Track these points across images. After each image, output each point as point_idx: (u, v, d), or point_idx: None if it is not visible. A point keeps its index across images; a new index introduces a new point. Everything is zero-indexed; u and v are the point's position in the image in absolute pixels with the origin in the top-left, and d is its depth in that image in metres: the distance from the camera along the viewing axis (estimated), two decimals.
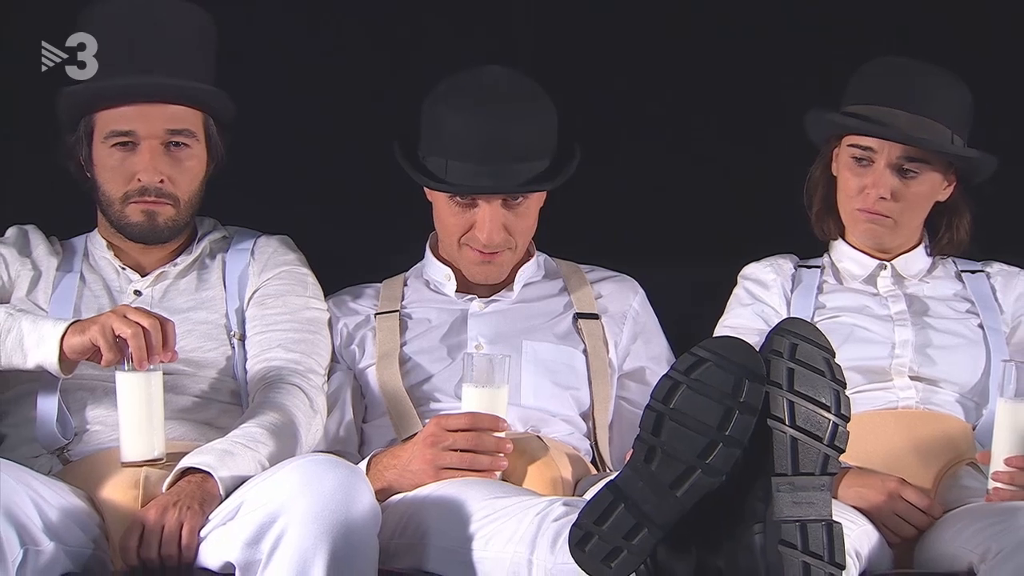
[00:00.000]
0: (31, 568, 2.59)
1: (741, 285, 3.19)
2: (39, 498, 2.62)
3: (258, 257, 3.08)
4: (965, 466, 2.96)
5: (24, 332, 2.76)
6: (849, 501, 2.82)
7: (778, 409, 2.28)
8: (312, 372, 2.99)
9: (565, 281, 3.19)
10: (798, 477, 2.27)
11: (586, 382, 3.08)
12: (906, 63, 3.08)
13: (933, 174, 3.06)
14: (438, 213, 3.09)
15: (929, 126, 3.03)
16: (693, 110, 3.59)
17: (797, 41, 3.56)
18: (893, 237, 3.11)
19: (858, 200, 3.07)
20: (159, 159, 2.94)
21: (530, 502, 2.64)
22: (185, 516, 2.65)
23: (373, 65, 3.57)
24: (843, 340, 3.01)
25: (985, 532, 2.67)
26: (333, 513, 2.55)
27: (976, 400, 3.04)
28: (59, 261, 3.03)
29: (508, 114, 2.99)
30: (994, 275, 3.18)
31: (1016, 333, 3.11)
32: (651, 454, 2.28)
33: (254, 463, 2.74)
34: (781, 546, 2.24)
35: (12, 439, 2.92)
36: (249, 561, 2.58)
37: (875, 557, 2.77)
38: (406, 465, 2.85)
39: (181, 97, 2.96)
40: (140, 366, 2.73)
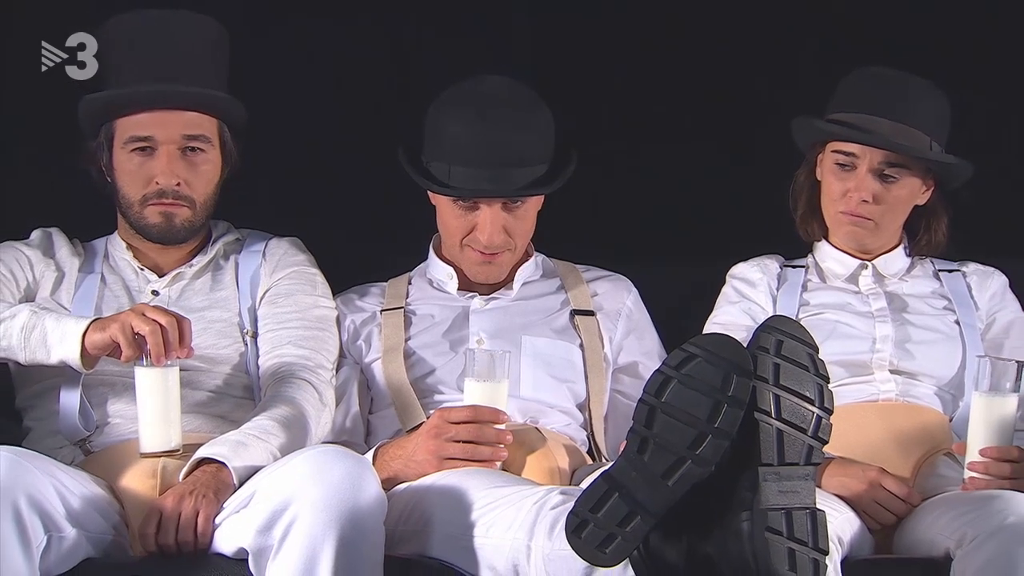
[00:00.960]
0: (54, 553, 2.60)
1: (729, 284, 3.20)
2: (62, 487, 2.62)
3: (269, 258, 3.08)
4: (942, 456, 2.96)
5: (48, 329, 2.76)
6: (832, 490, 2.83)
7: (765, 402, 2.27)
8: (321, 367, 2.99)
9: (562, 280, 3.20)
10: (784, 467, 2.27)
11: (582, 376, 3.09)
12: (888, 73, 3.09)
13: (912, 179, 3.07)
14: (441, 216, 3.10)
15: (909, 133, 3.04)
16: (685, 119, 3.59)
17: (786, 51, 3.57)
18: (874, 238, 3.12)
19: (841, 203, 3.09)
20: (176, 163, 2.95)
21: (529, 491, 2.66)
22: (201, 504, 2.66)
23: (380, 77, 3.57)
24: (826, 336, 3.01)
25: (961, 519, 2.69)
26: (341, 501, 2.55)
27: (953, 393, 3.05)
28: (81, 262, 3.03)
29: (508, 122, 3.00)
30: (970, 274, 3.19)
31: (990, 329, 3.12)
32: (644, 445, 2.28)
33: (266, 454, 2.75)
34: (768, 533, 2.24)
35: (37, 431, 2.93)
36: (261, 547, 2.58)
37: (857, 543, 2.79)
38: (411, 455, 2.86)
39: (197, 104, 2.96)
40: (158, 362, 2.73)
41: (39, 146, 3.31)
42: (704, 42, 3.60)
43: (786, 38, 3.57)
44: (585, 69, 3.59)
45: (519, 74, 3.14)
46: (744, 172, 3.31)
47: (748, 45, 3.59)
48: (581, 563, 2.38)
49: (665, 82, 3.60)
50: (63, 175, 3.36)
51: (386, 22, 3.59)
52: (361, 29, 3.59)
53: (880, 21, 3.57)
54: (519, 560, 2.59)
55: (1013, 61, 3.56)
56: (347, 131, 3.54)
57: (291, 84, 3.52)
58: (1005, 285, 3.18)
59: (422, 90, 3.13)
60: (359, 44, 3.58)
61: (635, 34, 3.61)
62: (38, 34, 3.15)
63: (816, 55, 3.52)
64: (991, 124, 3.47)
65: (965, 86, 3.20)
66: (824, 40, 3.56)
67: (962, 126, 3.11)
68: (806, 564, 2.25)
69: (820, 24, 3.58)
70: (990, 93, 3.53)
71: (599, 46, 3.62)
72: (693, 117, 3.59)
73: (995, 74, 3.56)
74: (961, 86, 3.13)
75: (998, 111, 3.53)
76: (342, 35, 3.57)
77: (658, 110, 3.60)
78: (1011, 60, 3.56)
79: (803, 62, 3.47)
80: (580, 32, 3.61)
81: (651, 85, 3.61)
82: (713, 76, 3.60)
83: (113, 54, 2.99)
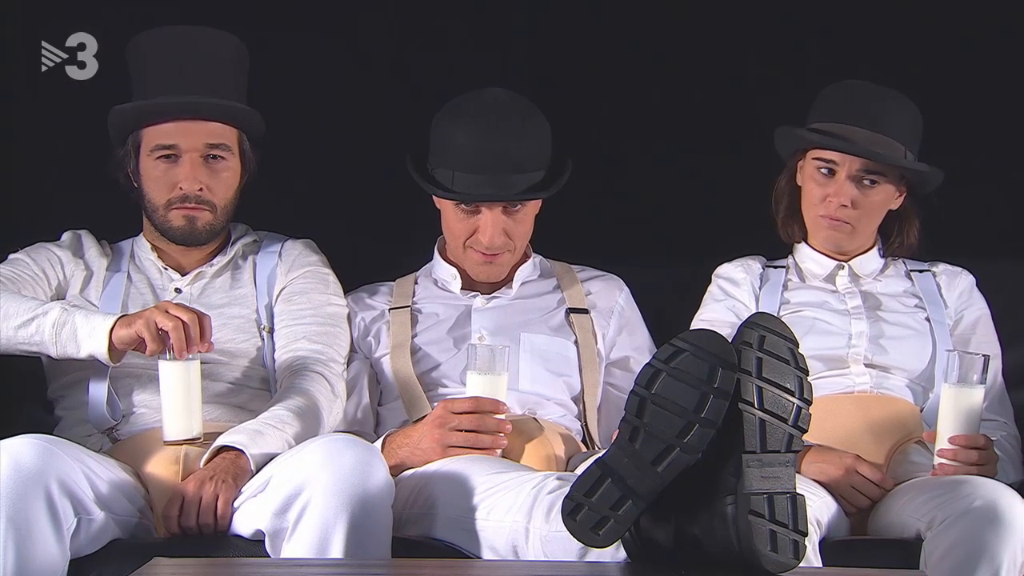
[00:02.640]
0: (84, 534, 2.61)
1: (715, 283, 3.20)
2: (91, 473, 2.63)
3: (285, 259, 3.08)
4: (914, 444, 2.96)
5: (78, 325, 2.76)
6: (811, 475, 2.83)
7: (748, 394, 2.26)
8: (333, 361, 2.99)
9: (558, 280, 3.19)
10: (766, 454, 2.26)
11: (577, 370, 3.08)
12: (864, 86, 3.09)
13: (888, 185, 3.08)
14: (445, 219, 3.11)
15: (885, 142, 3.04)
16: (674, 129, 3.58)
17: (770, 61, 3.57)
18: (851, 241, 3.13)
19: (821, 207, 3.09)
20: (199, 170, 2.95)
21: (527, 476, 2.66)
22: (220, 489, 2.67)
23: (387, 89, 3.57)
24: (805, 332, 3.02)
25: (931, 503, 2.69)
26: (352, 486, 2.57)
27: (923, 385, 3.04)
28: (108, 262, 3.03)
29: (508, 130, 3.00)
30: (939, 274, 3.18)
31: (959, 325, 3.12)
32: (635, 434, 2.26)
33: (282, 442, 2.76)
34: (751, 515, 2.23)
35: (67, 420, 2.93)
36: (277, 529, 2.60)
37: (834, 525, 2.79)
38: (417, 444, 2.87)
39: (219, 115, 2.96)
40: (180, 355, 2.73)
41: (38, 146, 3.28)
42: (691, 51, 3.59)
43: (770, 49, 3.57)
44: (577, 80, 3.59)
45: (516, 85, 3.15)
46: (728, 178, 3.31)
47: (734, 56, 3.59)
48: (576, 544, 2.36)
49: (653, 90, 3.59)
50: (63, 175, 3.36)
51: (395, 40, 3.59)
52: (371, 46, 3.58)
53: (856, 32, 3.57)
54: (518, 541, 2.60)
55: (984, 66, 3.57)
56: (358, 141, 3.54)
57: (307, 97, 3.51)
58: (972, 284, 3.18)
59: (427, 101, 3.13)
60: (370, 59, 3.57)
61: (623, 44, 3.60)
62: (38, 34, 3.10)
63: (797, 66, 3.51)
64: (961, 130, 3.46)
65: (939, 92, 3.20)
66: (805, 53, 3.56)
67: (935, 138, 3.12)
68: (787, 545, 2.24)
69: (801, 35, 3.58)
70: (964, 100, 3.53)
71: (594, 59, 3.62)
72: (681, 127, 3.58)
73: (968, 81, 3.56)
74: (935, 92, 3.12)
75: (970, 117, 3.53)
76: (353, 50, 3.57)
77: (650, 123, 3.59)
78: (982, 66, 3.57)
79: (785, 73, 3.47)
80: (572, 45, 3.61)
81: (639, 94, 3.60)
82: (699, 84, 3.59)
83: (140, 67, 2.99)
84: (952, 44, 3.56)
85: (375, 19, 3.58)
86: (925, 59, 3.55)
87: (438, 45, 3.58)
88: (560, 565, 2.49)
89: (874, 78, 3.12)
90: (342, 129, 3.52)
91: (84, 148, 3.22)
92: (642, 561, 2.33)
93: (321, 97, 3.52)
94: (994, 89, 3.56)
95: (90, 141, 3.09)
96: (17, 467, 2.54)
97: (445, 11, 3.59)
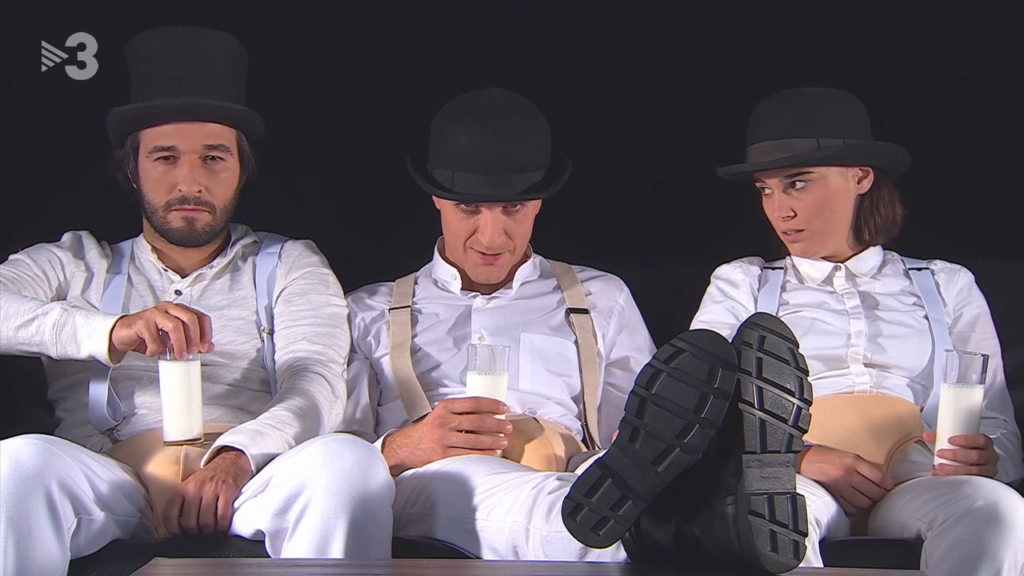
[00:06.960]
0: (84, 535, 2.61)
1: (714, 284, 3.19)
2: (91, 473, 2.63)
3: (285, 260, 3.07)
4: (914, 444, 2.95)
5: (78, 326, 2.76)
6: (811, 475, 2.83)
7: (748, 394, 2.27)
8: (333, 362, 2.99)
9: (558, 280, 3.19)
10: (766, 454, 2.26)
11: (577, 370, 3.08)
12: (772, 98, 3.08)
13: (823, 180, 3.05)
14: (445, 219, 3.10)
15: (786, 145, 3.02)
16: (674, 129, 3.59)
17: (771, 60, 3.57)
18: (820, 243, 3.10)
19: (777, 225, 3.10)
20: (197, 171, 2.94)
21: (527, 477, 2.66)
22: (220, 489, 2.67)
23: (387, 89, 3.57)
24: (804, 332, 3.01)
25: (932, 503, 2.68)
26: (352, 487, 2.56)
27: (923, 384, 3.03)
28: (109, 263, 3.02)
29: (507, 131, 3.00)
30: (937, 272, 3.17)
31: (957, 323, 3.11)
32: (635, 434, 2.27)
33: (282, 442, 2.75)
34: (751, 516, 2.23)
35: (68, 421, 2.93)
36: (277, 529, 2.59)
37: (834, 525, 2.78)
38: (417, 444, 2.86)
39: (218, 117, 2.96)
40: (180, 356, 2.73)
41: (39, 146, 3.27)
42: (691, 51, 3.60)
43: (771, 53, 3.57)
44: (577, 80, 3.59)
45: (516, 85, 3.14)
46: (728, 180, 3.29)
47: (735, 56, 3.59)
48: (576, 544, 2.37)
49: (653, 90, 3.60)
50: (63, 175, 3.36)
51: (396, 40, 3.59)
52: (371, 46, 3.58)
53: (856, 32, 3.57)
54: (518, 541, 2.59)
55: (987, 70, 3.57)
56: (358, 142, 3.54)
57: (307, 97, 3.51)
58: (971, 281, 3.17)
59: (428, 102, 3.12)
60: (370, 59, 3.57)
61: (623, 44, 3.60)
62: (38, 34, 3.09)
63: (797, 67, 3.51)
64: (961, 130, 3.46)
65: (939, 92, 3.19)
66: (805, 54, 3.56)
67: (934, 131, 3.10)
68: (787, 545, 2.24)
69: (802, 36, 3.58)
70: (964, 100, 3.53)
71: (595, 62, 3.61)
72: (682, 127, 3.58)
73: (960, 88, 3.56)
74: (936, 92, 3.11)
75: (970, 117, 3.53)
76: (353, 50, 3.57)
77: (648, 121, 3.59)
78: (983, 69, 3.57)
79: (785, 73, 3.46)
80: (572, 45, 3.61)
81: (639, 94, 3.60)
82: (700, 84, 3.59)
83: (139, 68, 2.99)
84: (952, 44, 3.56)
85: (375, 19, 3.58)
86: (925, 59, 3.54)
87: (438, 45, 3.58)
88: (560, 565, 2.49)
89: (874, 79, 3.11)
90: (342, 129, 3.53)
91: (84, 148, 3.22)
92: (642, 561, 2.33)
93: (321, 97, 3.52)
94: (994, 89, 3.55)
95: (90, 141, 3.10)
96: (17, 467, 2.54)
97: (445, 11, 3.59)
